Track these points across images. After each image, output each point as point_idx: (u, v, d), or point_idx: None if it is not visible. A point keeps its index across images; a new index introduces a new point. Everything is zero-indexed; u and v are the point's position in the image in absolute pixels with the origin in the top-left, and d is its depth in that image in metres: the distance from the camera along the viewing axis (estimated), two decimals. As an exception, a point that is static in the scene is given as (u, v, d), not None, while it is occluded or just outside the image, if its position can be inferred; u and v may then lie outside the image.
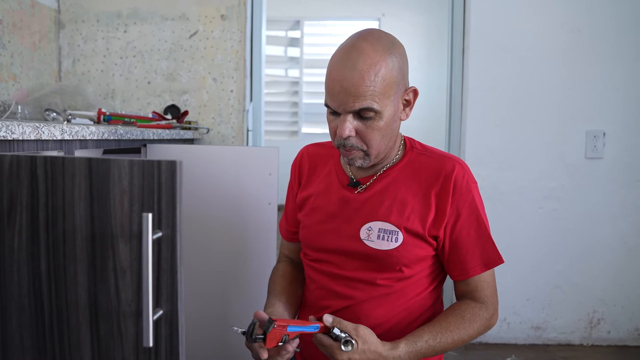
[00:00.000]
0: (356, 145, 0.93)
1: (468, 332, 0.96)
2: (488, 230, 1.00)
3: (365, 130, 0.91)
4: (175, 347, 0.66)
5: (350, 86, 0.87)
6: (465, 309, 0.98)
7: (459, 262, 0.98)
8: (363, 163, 0.96)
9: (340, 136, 0.91)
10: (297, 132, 4.76)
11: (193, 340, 1.54)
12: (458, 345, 0.96)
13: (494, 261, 0.99)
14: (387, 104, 0.91)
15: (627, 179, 2.18)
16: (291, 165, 1.16)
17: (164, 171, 0.64)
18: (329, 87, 0.91)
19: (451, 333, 0.95)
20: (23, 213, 0.68)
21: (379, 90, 0.88)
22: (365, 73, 0.87)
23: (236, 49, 2.16)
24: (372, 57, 0.88)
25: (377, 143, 0.93)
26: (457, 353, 2.14)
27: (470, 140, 2.18)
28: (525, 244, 2.21)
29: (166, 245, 0.65)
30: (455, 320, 0.96)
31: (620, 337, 2.24)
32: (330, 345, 0.87)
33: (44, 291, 0.68)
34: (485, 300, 1.00)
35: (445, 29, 2.45)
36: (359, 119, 0.91)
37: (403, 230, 0.96)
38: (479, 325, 0.97)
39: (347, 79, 0.88)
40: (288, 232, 1.17)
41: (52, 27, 2.13)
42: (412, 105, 0.98)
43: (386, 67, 0.89)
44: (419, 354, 0.92)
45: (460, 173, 0.98)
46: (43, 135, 0.96)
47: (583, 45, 2.14)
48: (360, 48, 0.89)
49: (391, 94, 0.91)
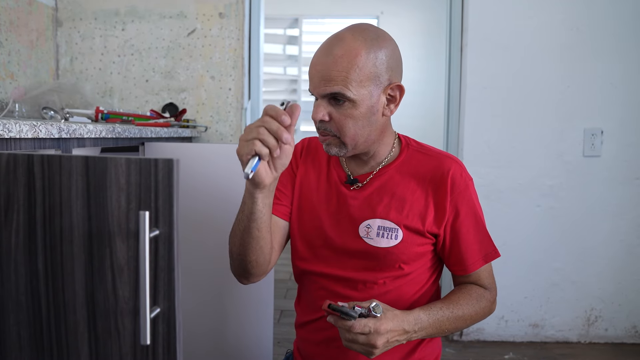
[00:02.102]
0: (330, 129, 0.94)
1: (476, 309, 0.99)
2: (484, 225, 1.03)
3: (338, 117, 0.92)
4: (173, 344, 0.66)
5: (323, 70, 0.90)
6: (471, 288, 1.02)
7: (459, 259, 1.01)
8: (339, 152, 0.96)
9: (314, 119, 0.94)
10: (296, 130, 4.76)
11: (190, 338, 1.55)
12: (467, 322, 0.98)
13: (492, 255, 1.02)
14: (364, 94, 0.91)
15: (625, 177, 2.19)
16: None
17: (161, 169, 0.64)
18: (309, 71, 0.94)
19: (461, 307, 0.97)
20: (20, 211, 0.68)
21: (352, 78, 0.89)
22: (339, 59, 0.89)
23: (234, 47, 2.16)
24: (350, 45, 0.90)
25: (351, 132, 0.93)
26: (455, 350, 2.15)
27: (468, 138, 2.18)
28: (523, 242, 2.21)
29: (163, 243, 0.65)
30: (464, 296, 0.99)
31: (617, 334, 2.25)
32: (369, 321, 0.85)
33: (41, 289, 0.69)
34: (487, 287, 1.04)
35: (443, 26, 2.45)
36: (334, 105, 0.92)
37: (403, 228, 0.96)
38: (484, 306, 1.01)
39: (321, 63, 0.91)
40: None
41: (50, 25, 2.13)
42: (397, 102, 0.97)
43: (364, 57, 0.90)
44: (437, 321, 0.93)
45: (458, 171, 0.99)
46: (40, 133, 0.96)
47: (581, 43, 2.14)
48: (342, 37, 0.92)
49: (368, 85, 0.91)
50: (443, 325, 0.94)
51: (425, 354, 1.02)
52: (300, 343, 1.09)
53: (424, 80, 4.34)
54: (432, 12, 4.41)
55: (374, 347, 0.85)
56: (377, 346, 0.85)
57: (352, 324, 0.84)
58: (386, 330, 0.85)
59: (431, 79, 4.33)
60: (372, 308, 0.85)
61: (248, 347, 1.54)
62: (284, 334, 2.16)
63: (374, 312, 0.85)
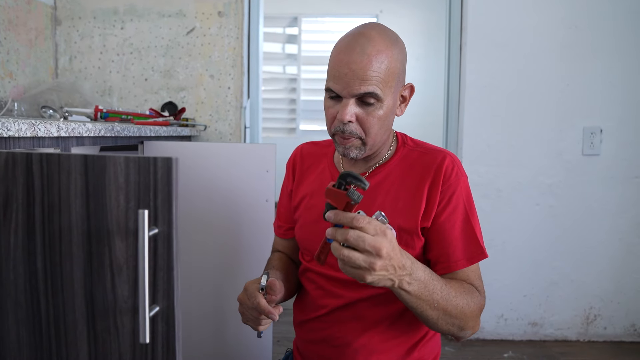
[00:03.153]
0: (355, 132, 0.92)
1: (466, 301, 0.90)
2: (473, 224, 0.96)
3: (365, 118, 0.91)
4: (172, 343, 0.66)
5: (358, 69, 0.87)
6: (463, 282, 0.94)
7: (442, 255, 0.95)
8: (358, 154, 0.95)
9: (341, 120, 0.91)
10: (295, 129, 4.75)
11: (189, 337, 1.55)
12: (454, 311, 0.88)
13: (477, 256, 0.95)
14: (388, 94, 0.92)
15: (624, 175, 2.19)
16: (286, 163, 1.16)
17: (160, 168, 0.64)
18: (335, 69, 0.90)
19: (454, 290, 0.89)
20: (19, 210, 0.68)
21: (383, 78, 0.89)
22: (374, 58, 0.88)
23: (233, 45, 2.16)
24: (380, 44, 0.89)
25: (374, 132, 0.93)
26: (454, 349, 2.15)
27: (467, 136, 2.18)
28: (522, 241, 2.21)
29: (162, 242, 0.65)
30: (456, 285, 0.91)
31: (616, 333, 2.25)
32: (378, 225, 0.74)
33: (41, 288, 0.69)
34: (477, 289, 0.96)
35: (442, 25, 2.45)
36: (361, 105, 0.91)
37: (396, 228, 0.95)
38: (474, 302, 0.92)
39: (355, 61, 0.88)
40: (280, 228, 1.17)
41: (49, 24, 2.12)
42: (407, 102, 0.99)
43: (391, 57, 0.90)
44: (431, 284, 0.84)
45: (450, 165, 0.97)
46: (39, 132, 0.96)
47: (581, 42, 2.14)
48: (369, 35, 0.90)
49: (393, 85, 0.92)
50: (434, 294, 0.85)
51: (424, 352, 1.02)
52: (299, 342, 1.09)
53: (423, 79, 4.34)
54: (432, 10, 4.41)
55: (378, 254, 0.73)
56: (382, 254, 0.73)
57: (357, 217, 0.73)
58: (389, 256, 0.75)
59: (430, 78, 4.33)
60: (382, 217, 0.75)
61: (247, 346, 1.54)
62: (283, 333, 2.16)
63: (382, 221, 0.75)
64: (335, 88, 0.91)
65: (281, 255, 1.16)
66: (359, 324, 0.98)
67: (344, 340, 0.98)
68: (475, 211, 0.99)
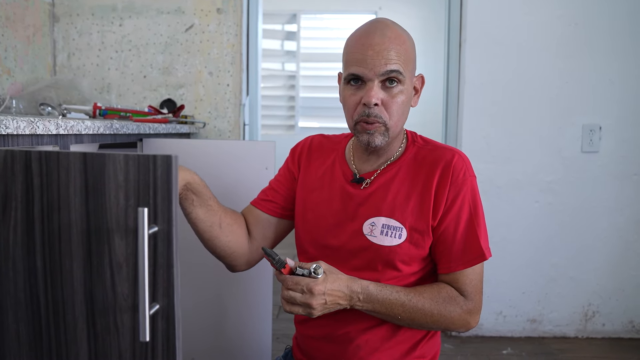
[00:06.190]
0: (379, 115, 0.92)
1: (439, 309, 0.92)
2: (476, 226, 0.96)
3: (390, 101, 0.92)
4: (172, 341, 0.66)
5: (382, 49, 0.90)
6: (444, 287, 0.95)
7: (443, 256, 0.96)
8: (382, 140, 0.94)
9: (368, 103, 0.91)
10: (294, 126, 4.75)
11: (189, 334, 1.55)
12: (428, 319, 0.92)
13: (474, 259, 0.95)
14: (408, 78, 0.94)
15: (623, 172, 2.19)
16: (291, 149, 1.12)
17: (160, 165, 0.64)
18: (357, 53, 0.92)
19: (424, 299, 0.92)
20: (18, 208, 0.68)
21: (404, 59, 0.92)
22: (394, 40, 0.91)
23: (232, 42, 2.15)
24: (397, 30, 0.93)
25: (397, 117, 0.94)
26: (453, 346, 2.16)
27: (466, 133, 2.18)
28: (521, 238, 2.22)
29: (162, 240, 0.64)
30: (431, 291, 0.94)
31: (614, 329, 2.26)
32: (303, 280, 0.88)
33: (40, 286, 0.68)
34: (466, 295, 0.96)
35: (442, 22, 2.44)
36: (384, 89, 0.92)
37: (407, 227, 0.95)
38: (454, 311, 0.93)
39: (378, 43, 0.90)
40: (266, 202, 1.09)
41: (47, 21, 2.11)
42: (419, 94, 1.01)
43: (407, 43, 0.94)
44: (388, 301, 0.91)
45: (459, 164, 0.97)
46: (38, 129, 0.96)
47: (579, 39, 2.14)
48: (385, 22, 0.94)
49: (410, 69, 0.95)
50: (395, 309, 0.91)
51: (425, 350, 1.02)
52: (300, 339, 1.09)
53: (423, 76, 4.32)
54: (431, 8, 4.40)
55: (309, 306, 0.87)
56: (313, 306, 0.87)
57: (284, 279, 0.89)
58: (321, 292, 0.87)
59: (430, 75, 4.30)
60: (313, 269, 0.88)
61: (247, 343, 1.55)
62: (283, 330, 2.17)
63: (315, 273, 0.88)
64: (360, 71, 0.91)
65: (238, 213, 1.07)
66: (361, 322, 0.97)
67: (347, 337, 0.98)
68: (482, 211, 0.98)
